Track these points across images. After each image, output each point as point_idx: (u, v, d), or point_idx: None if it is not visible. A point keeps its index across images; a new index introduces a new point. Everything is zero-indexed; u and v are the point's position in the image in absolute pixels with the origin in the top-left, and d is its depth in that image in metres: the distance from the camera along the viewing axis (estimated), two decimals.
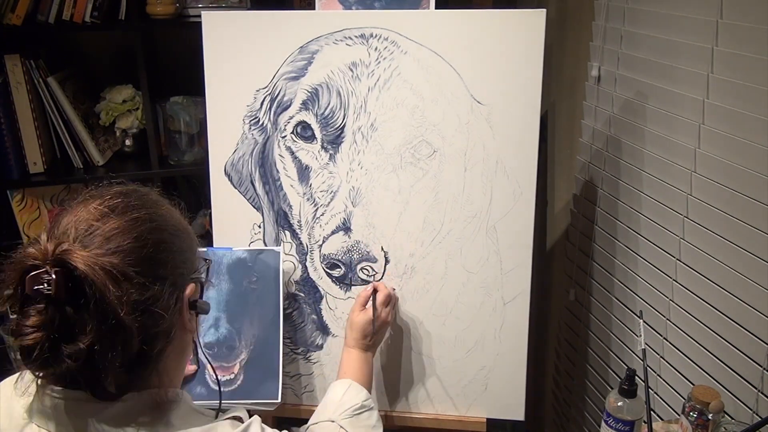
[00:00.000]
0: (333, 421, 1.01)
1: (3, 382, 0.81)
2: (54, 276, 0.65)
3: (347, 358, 1.18)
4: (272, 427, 0.83)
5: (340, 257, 1.30)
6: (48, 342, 0.66)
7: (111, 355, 0.68)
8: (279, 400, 1.26)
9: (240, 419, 0.81)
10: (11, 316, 0.69)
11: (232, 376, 1.27)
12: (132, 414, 0.73)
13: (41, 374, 0.71)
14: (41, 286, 0.65)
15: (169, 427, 0.74)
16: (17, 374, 0.76)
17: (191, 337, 0.83)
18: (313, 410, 1.11)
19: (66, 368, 0.67)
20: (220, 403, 0.90)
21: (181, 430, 0.75)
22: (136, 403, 0.73)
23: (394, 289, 1.30)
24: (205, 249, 0.92)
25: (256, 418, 0.82)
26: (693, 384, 1.20)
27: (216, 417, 0.81)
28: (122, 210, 0.74)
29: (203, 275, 0.85)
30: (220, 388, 0.87)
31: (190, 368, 1.18)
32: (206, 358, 0.83)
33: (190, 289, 0.79)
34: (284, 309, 1.36)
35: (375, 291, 1.25)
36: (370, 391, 1.12)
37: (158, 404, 0.75)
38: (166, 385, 0.77)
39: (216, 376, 0.86)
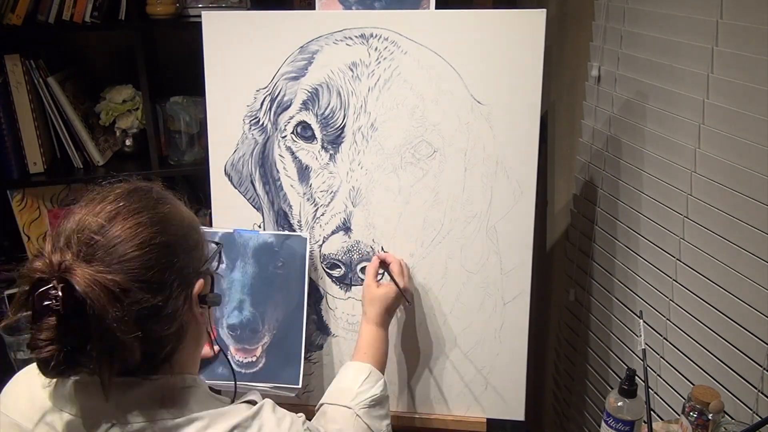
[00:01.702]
0: (350, 408, 1.00)
1: (24, 369, 0.83)
2: (60, 292, 0.67)
3: (369, 337, 1.15)
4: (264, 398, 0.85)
5: (340, 257, 1.30)
6: (62, 353, 0.68)
7: (117, 363, 0.71)
8: (299, 386, 1.26)
9: (254, 403, 0.83)
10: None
11: (254, 359, 1.28)
12: (149, 398, 0.75)
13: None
14: (50, 302, 0.67)
15: (186, 411, 0.76)
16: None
17: (204, 328, 0.84)
18: (313, 410, 1.11)
19: (98, 362, 0.70)
20: (235, 388, 0.91)
21: (197, 413, 0.76)
22: (153, 389, 0.75)
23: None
24: (231, 230, 0.94)
25: (267, 400, 0.83)
26: (693, 384, 1.20)
27: (232, 402, 0.83)
28: (125, 215, 0.74)
29: (214, 265, 0.85)
30: (234, 374, 0.88)
31: (208, 351, 1.16)
32: (221, 348, 0.85)
33: (198, 285, 0.79)
34: None
35: (384, 262, 1.23)
36: (384, 372, 1.12)
37: (174, 390, 0.77)
38: (181, 371, 0.79)
39: (231, 364, 0.86)
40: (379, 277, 1.24)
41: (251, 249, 1.30)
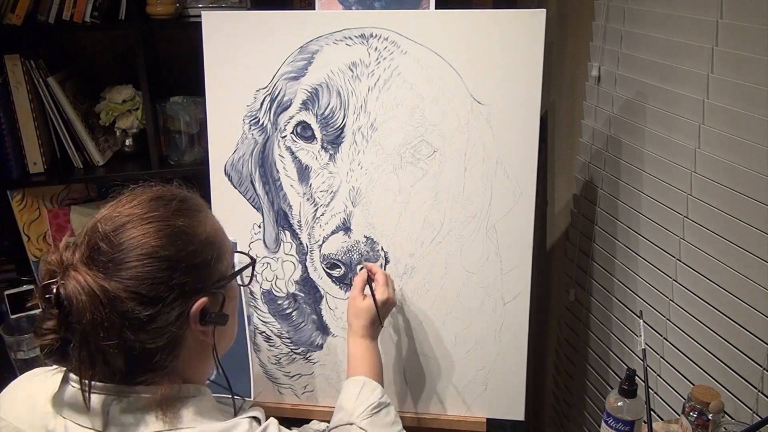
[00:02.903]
0: (352, 424, 0.98)
1: (24, 375, 0.84)
2: (55, 289, 0.70)
3: (357, 351, 1.12)
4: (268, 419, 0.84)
5: (340, 257, 1.30)
6: (60, 343, 0.71)
7: (99, 367, 0.73)
8: (251, 399, 1.26)
9: (258, 420, 0.81)
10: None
11: None
12: (144, 406, 0.75)
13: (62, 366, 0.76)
14: (50, 296, 0.71)
15: (184, 422, 0.75)
16: (40, 369, 0.81)
17: (210, 345, 0.81)
18: (313, 410, 1.11)
19: (79, 363, 0.72)
20: (234, 404, 0.89)
21: (199, 427, 0.75)
22: (149, 396, 0.75)
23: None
24: (249, 254, 0.93)
25: (273, 420, 0.82)
26: (693, 384, 1.20)
27: (235, 415, 0.82)
28: (136, 223, 0.75)
29: (225, 285, 0.82)
30: (230, 386, 0.87)
31: None
32: (222, 370, 0.84)
33: (199, 303, 0.77)
34: (284, 309, 1.36)
35: (369, 274, 1.20)
36: (382, 384, 1.09)
37: (171, 400, 0.76)
38: (181, 381, 0.78)
39: (227, 378, 0.83)
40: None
41: None
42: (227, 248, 0.84)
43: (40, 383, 0.79)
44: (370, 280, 1.19)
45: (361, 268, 1.28)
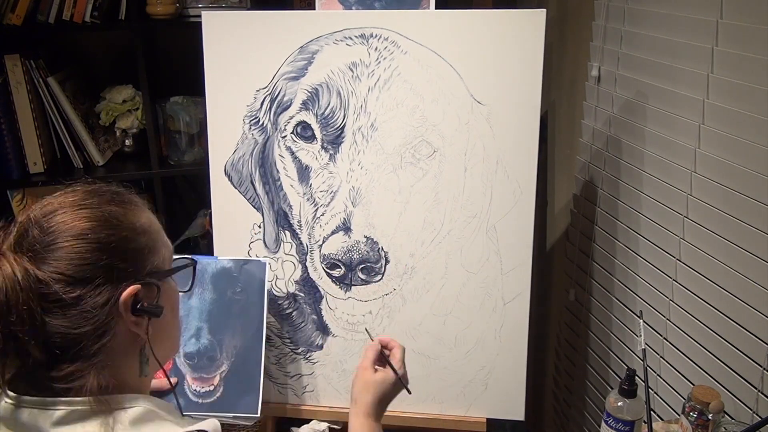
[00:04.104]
0: None
1: None
2: None
3: (359, 430, 0.95)
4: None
5: (340, 257, 1.30)
6: None
7: (11, 355, 0.70)
8: (258, 415, 1.24)
9: None
10: None
11: (212, 387, 1.26)
12: (76, 419, 0.71)
13: None
14: None
15: None
16: None
17: (147, 344, 0.77)
18: (313, 410, 1.11)
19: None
20: (180, 409, 0.83)
21: None
22: (81, 409, 0.71)
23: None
24: (189, 257, 0.90)
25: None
26: (693, 384, 1.20)
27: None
28: (68, 208, 0.74)
29: (160, 278, 0.79)
30: (179, 404, 0.80)
31: (164, 382, 1.05)
32: (163, 370, 0.80)
33: (130, 290, 0.74)
34: (284, 309, 1.36)
35: (385, 348, 1.02)
36: None
37: (103, 410, 0.72)
38: (113, 380, 0.74)
39: (176, 397, 0.78)
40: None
41: (209, 275, 1.28)
42: (164, 244, 0.82)
43: None
44: (385, 352, 1.01)
45: (363, 269, 1.28)
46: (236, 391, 1.26)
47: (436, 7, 1.33)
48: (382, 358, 1.00)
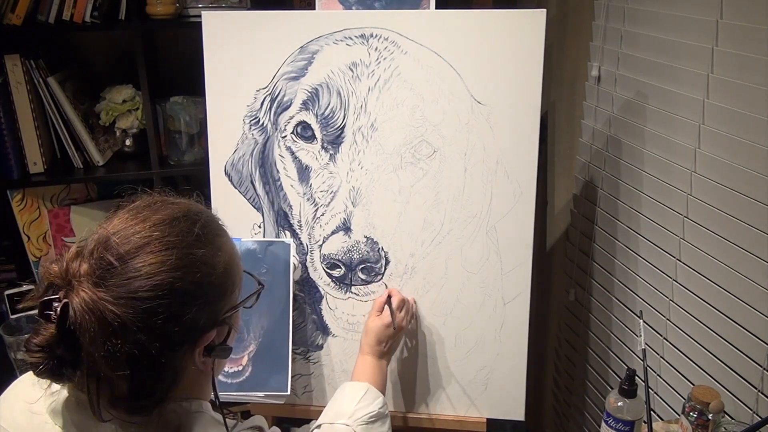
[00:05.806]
0: (348, 426, 0.98)
1: (20, 378, 0.81)
2: (60, 308, 0.65)
3: (361, 364, 1.16)
4: (271, 427, 0.83)
5: (340, 257, 1.29)
6: (51, 363, 0.67)
7: (105, 390, 0.69)
8: (288, 392, 1.25)
9: (261, 429, 0.80)
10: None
11: (240, 368, 1.27)
12: (145, 424, 0.72)
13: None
14: (51, 312, 0.66)
15: None
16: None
17: (208, 378, 0.78)
18: (313, 410, 1.11)
19: (84, 385, 0.68)
20: (224, 422, 0.81)
21: None
22: (150, 414, 0.72)
23: (414, 300, 1.30)
24: (258, 279, 0.89)
25: (275, 429, 0.81)
26: (693, 384, 1.20)
27: (232, 428, 0.78)
28: (153, 247, 0.70)
29: (233, 317, 0.80)
30: (219, 400, 0.82)
31: None
32: (216, 395, 0.81)
33: (207, 337, 0.74)
34: None
35: (390, 296, 1.23)
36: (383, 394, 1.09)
37: (172, 417, 0.73)
38: (186, 398, 0.76)
39: (219, 404, 0.79)
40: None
41: None
42: (240, 275, 0.81)
43: (38, 391, 0.74)
44: (389, 299, 1.23)
45: (363, 269, 1.28)
46: (265, 370, 1.27)
47: (436, 7, 1.33)
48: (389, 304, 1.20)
